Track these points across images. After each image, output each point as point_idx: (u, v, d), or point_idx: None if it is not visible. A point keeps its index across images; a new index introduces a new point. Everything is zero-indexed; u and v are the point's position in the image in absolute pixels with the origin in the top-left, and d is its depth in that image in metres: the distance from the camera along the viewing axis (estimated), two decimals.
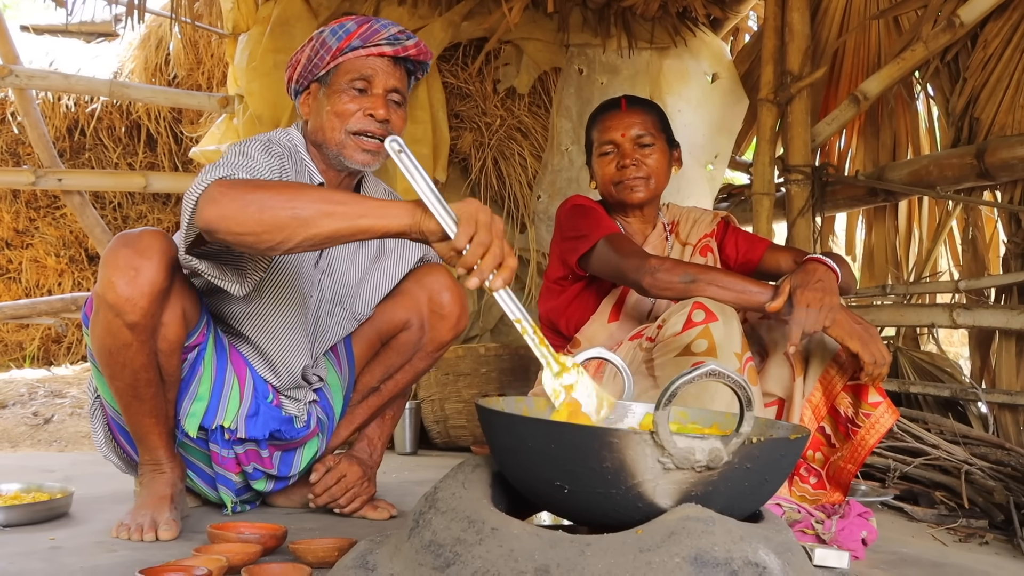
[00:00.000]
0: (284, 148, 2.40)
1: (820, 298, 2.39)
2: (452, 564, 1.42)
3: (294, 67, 2.50)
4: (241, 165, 2.15)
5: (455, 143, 4.92)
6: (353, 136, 2.40)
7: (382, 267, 2.69)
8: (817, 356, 2.62)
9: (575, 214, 2.84)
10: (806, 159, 4.57)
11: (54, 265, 7.05)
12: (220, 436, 2.42)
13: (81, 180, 5.52)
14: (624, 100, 2.97)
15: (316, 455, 2.63)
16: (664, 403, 1.37)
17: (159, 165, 7.04)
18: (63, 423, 4.60)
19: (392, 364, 2.72)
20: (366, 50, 2.40)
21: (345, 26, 2.42)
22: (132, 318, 2.14)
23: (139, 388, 2.25)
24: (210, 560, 1.80)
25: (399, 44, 2.43)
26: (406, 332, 2.69)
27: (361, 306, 2.66)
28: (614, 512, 1.44)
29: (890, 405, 2.58)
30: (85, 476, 3.12)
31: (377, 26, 2.42)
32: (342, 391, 2.66)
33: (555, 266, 2.93)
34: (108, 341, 2.19)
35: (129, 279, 2.12)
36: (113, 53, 7.11)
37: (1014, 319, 3.90)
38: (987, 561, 2.54)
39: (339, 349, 2.67)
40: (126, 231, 2.22)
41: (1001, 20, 4.24)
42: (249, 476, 2.52)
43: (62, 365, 6.60)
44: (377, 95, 2.41)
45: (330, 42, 2.41)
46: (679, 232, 3.01)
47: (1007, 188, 4.25)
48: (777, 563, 1.37)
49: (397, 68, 2.46)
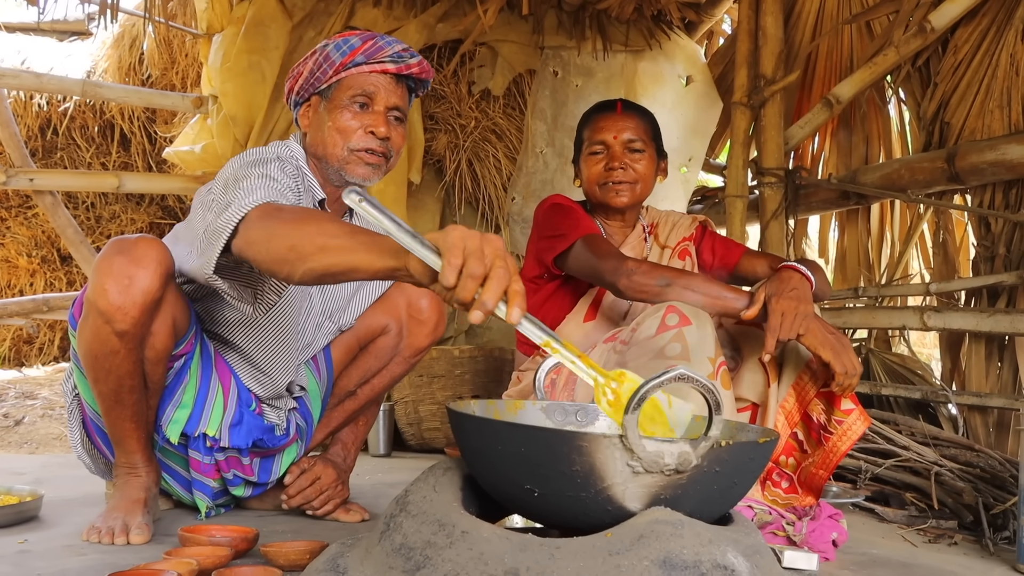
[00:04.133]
0: (293, 165, 2.39)
1: (795, 306, 2.41)
2: (422, 567, 1.42)
3: (295, 79, 2.49)
4: (273, 188, 2.10)
5: (429, 145, 4.92)
6: (355, 152, 2.40)
7: (372, 285, 2.69)
8: (791, 363, 2.63)
9: (553, 213, 2.85)
10: (779, 162, 4.61)
11: (26, 265, 6.99)
12: (202, 444, 2.41)
13: (53, 180, 5.47)
14: (620, 103, 2.97)
15: (294, 460, 2.63)
16: (633, 407, 1.37)
17: (133, 165, 6.99)
18: (34, 425, 4.56)
19: (370, 368, 2.72)
20: (369, 67, 2.40)
21: (349, 41, 2.42)
22: (122, 327, 2.12)
23: (122, 394, 2.24)
24: (180, 564, 1.79)
25: (403, 62, 2.43)
26: (384, 337, 2.70)
27: (347, 318, 2.68)
28: (584, 515, 1.45)
29: (862, 412, 2.59)
30: (56, 479, 3.10)
31: (382, 43, 2.42)
32: (320, 396, 2.66)
33: (531, 264, 2.94)
34: (95, 347, 2.17)
35: (122, 288, 2.10)
36: (86, 52, 7.06)
37: (983, 322, 3.93)
38: (956, 562, 2.56)
39: (317, 355, 2.68)
40: (121, 237, 2.19)
41: (971, 26, 4.28)
42: (229, 483, 2.52)
43: (34, 366, 6.55)
44: (379, 112, 2.42)
45: (334, 56, 2.41)
46: (658, 235, 3.03)
47: (977, 192, 4.29)
48: (746, 565, 1.38)
49: (399, 86, 2.46)
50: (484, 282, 1.45)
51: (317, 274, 1.78)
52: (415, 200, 4.86)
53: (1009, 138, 4.01)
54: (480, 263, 1.45)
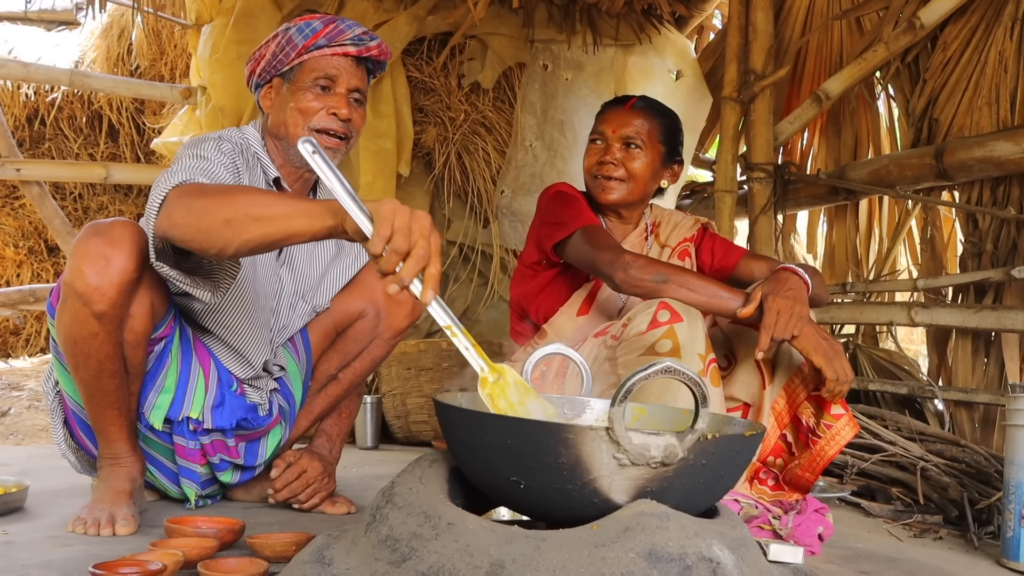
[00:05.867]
0: (235, 145, 2.43)
1: (790, 306, 2.41)
2: (408, 559, 1.41)
3: (257, 61, 2.54)
4: (198, 168, 2.17)
5: (419, 137, 4.91)
6: (316, 133, 2.44)
7: (342, 262, 2.72)
8: (783, 365, 2.64)
9: (557, 200, 2.84)
10: (768, 157, 4.61)
11: (12, 256, 6.97)
12: (186, 428, 2.42)
13: (40, 170, 5.46)
14: (633, 99, 2.95)
15: (280, 443, 2.64)
16: (620, 399, 1.37)
17: (121, 156, 6.98)
18: (20, 416, 4.54)
19: (350, 352, 2.74)
20: (331, 49, 2.46)
21: (312, 24, 2.47)
22: (100, 308, 2.13)
23: (103, 379, 2.24)
24: (166, 555, 1.78)
25: (363, 45, 2.49)
26: (362, 320, 2.71)
27: (321, 298, 2.69)
28: (570, 508, 1.45)
29: (851, 419, 2.60)
30: (41, 470, 3.09)
31: (343, 26, 2.48)
32: (301, 378, 2.67)
33: (530, 250, 2.94)
34: (74, 330, 2.18)
35: (99, 268, 2.11)
36: (74, 42, 7.04)
37: (970, 318, 3.95)
38: (941, 556, 2.57)
39: (295, 338, 2.68)
40: (97, 220, 2.21)
41: (960, 23, 4.30)
42: (216, 467, 2.52)
43: (20, 357, 6.53)
44: (340, 94, 2.47)
45: (296, 39, 2.46)
46: (659, 234, 3.02)
47: (965, 188, 4.30)
48: (731, 558, 1.38)
49: (359, 68, 2.52)
50: (406, 257, 1.59)
51: (254, 244, 1.86)
52: (404, 193, 4.86)
53: (997, 135, 4.02)
54: (405, 239, 1.58)
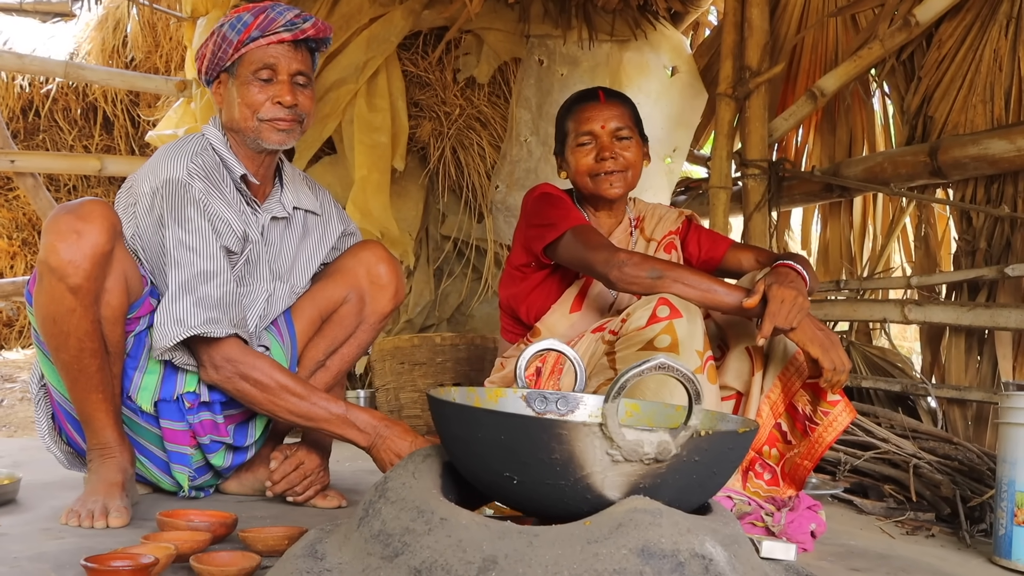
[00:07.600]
0: (203, 164, 2.47)
1: (794, 296, 2.42)
2: (400, 554, 1.41)
3: (201, 60, 2.59)
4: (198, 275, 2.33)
5: (414, 132, 4.91)
6: (265, 122, 2.49)
7: (309, 242, 2.75)
8: (777, 355, 2.64)
9: (543, 202, 2.84)
10: (763, 154, 4.61)
11: (6, 247, 6.95)
12: (174, 409, 2.43)
13: (35, 162, 5.44)
14: (602, 92, 2.95)
15: (268, 426, 2.66)
16: (614, 395, 1.37)
17: (115, 148, 6.96)
18: (13, 408, 4.54)
19: (336, 337, 2.76)
20: (266, 39, 2.49)
21: (243, 18, 2.49)
22: (75, 280, 2.16)
23: (84, 358, 2.25)
24: (158, 548, 1.78)
25: (297, 28, 2.51)
26: (346, 305, 2.74)
27: (298, 279, 2.71)
28: (563, 504, 1.45)
29: (848, 404, 2.61)
30: (34, 462, 3.08)
31: (273, 14, 2.50)
32: (286, 362, 2.66)
33: (518, 253, 2.93)
34: (52, 308, 2.20)
35: (71, 242, 2.15)
36: (69, 34, 7.02)
37: (963, 315, 3.95)
38: (933, 554, 2.58)
39: (279, 321, 2.69)
40: (67, 202, 2.26)
41: (955, 21, 4.30)
42: (206, 449, 2.51)
43: (13, 349, 6.52)
44: (282, 81, 2.50)
45: (230, 36, 2.49)
46: (644, 228, 3.02)
47: (959, 186, 4.31)
48: (723, 555, 1.38)
49: (299, 51, 2.54)
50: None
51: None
52: (399, 187, 4.85)
53: (991, 133, 4.03)
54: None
